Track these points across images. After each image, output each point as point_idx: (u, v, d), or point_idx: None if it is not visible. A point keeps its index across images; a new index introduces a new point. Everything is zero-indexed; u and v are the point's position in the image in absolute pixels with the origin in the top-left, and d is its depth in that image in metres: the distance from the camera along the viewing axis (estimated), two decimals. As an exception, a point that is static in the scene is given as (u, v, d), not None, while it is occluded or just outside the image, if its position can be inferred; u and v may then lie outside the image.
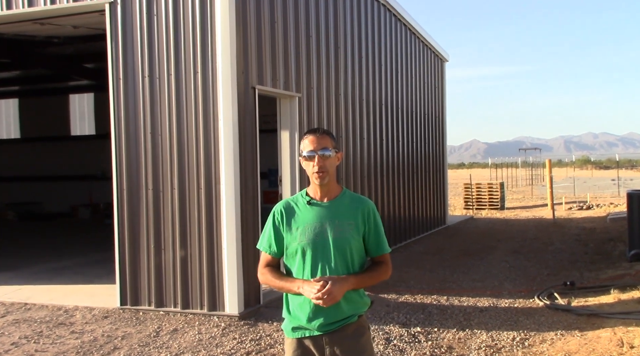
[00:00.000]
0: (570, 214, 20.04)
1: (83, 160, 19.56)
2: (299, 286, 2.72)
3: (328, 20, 9.47)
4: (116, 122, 7.31)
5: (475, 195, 23.19)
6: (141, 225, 7.22)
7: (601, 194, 28.77)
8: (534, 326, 6.43)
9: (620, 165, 47.13)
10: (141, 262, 7.22)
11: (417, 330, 6.33)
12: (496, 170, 44.67)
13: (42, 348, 5.91)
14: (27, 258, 11.22)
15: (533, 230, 15.73)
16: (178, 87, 7.04)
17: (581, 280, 8.72)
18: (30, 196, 20.34)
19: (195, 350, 5.74)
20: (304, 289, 2.69)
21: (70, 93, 20.62)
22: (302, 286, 2.71)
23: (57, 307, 7.46)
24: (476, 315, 6.96)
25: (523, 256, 11.23)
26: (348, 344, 2.78)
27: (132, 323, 6.70)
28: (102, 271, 9.37)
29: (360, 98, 10.76)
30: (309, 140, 2.81)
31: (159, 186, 7.15)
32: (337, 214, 2.81)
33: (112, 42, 7.29)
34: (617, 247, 11.54)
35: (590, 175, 54.45)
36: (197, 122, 6.95)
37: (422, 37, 14.73)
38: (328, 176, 2.80)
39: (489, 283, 8.82)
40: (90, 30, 9.31)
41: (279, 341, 5.90)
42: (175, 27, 7.04)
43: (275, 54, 7.75)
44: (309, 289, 2.66)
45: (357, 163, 10.45)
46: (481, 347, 5.75)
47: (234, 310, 6.79)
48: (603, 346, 5.55)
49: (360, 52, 10.80)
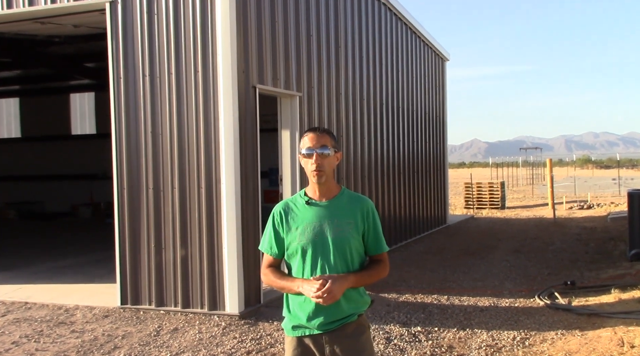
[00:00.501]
0: (571, 213, 20.04)
1: (84, 159, 19.57)
2: (299, 286, 2.72)
3: (328, 20, 9.46)
4: (117, 121, 7.31)
5: (476, 194, 23.19)
6: (142, 224, 7.22)
7: (602, 193, 28.75)
8: (534, 325, 6.42)
9: (621, 165, 47.14)
10: (142, 261, 7.22)
11: (417, 329, 6.33)
12: (497, 169, 44.68)
13: (42, 347, 5.91)
14: (27, 257, 11.23)
15: (534, 229, 15.72)
16: (179, 86, 7.04)
17: (582, 279, 8.71)
18: (31, 195, 20.35)
19: (195, 349, 5.74)
20: (303, 288, 2.70)
21: (71, 93, 20.64)
22: (301, 285, 2.71)
23: (57, 306, 7.46)
24: (477, 314, 6.95)
25: (524, 255, 11.23)
26: (348, 343, 2.78)
27: (133, 323, 6.70)
28: (103, 270, 9.38)
29: (361, 97, 10.76)
30: (308, 137, 2.81)
31: (159, 185, 7.15)
32: (336, 213, 2.81)
33: (113, 41, 7.29)
34: (618, 247, 11.53)
35: (591, 174, 54.44)
36: (198, 121, 6.95)
37: (423, 36, 14.72)
38: (325, 175, 2.80)
39: (489, 282, 8.82)
40: (90, 30, 9.31)
41: (280, 341, 5.90)
42: (176, 26, 7.04)
43: (276, 53, 7.75)
44: (308, 288, 2.67)
45: (357, 163, 10.45)
46: (482, 347, 5.75)
47: (234, 309, 6.79)
48: (603, 345, 5.54)
49: (361, 52, 10.80)
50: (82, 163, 19.58)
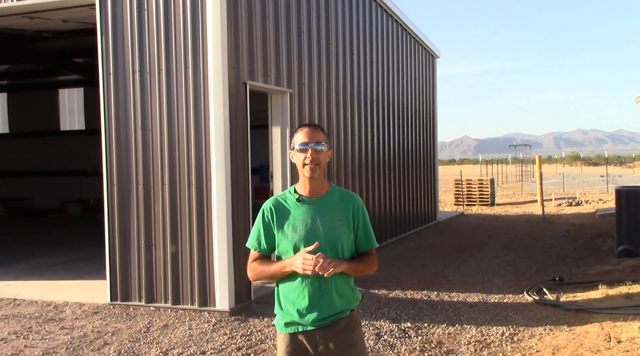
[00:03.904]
0: (560, 210, 20.17)
1: (73, 155, 19.46)
2: (290, 264, 2.72)
3: (319, 16, 9.46)
4: (106, 117, 7.27)
5: (466, 191, 23.29)
6: (132, 220, 7.19)
7: (590, 190, 28.96)
8: (523, 321, 6.48)
9: (609, 162, 47.47)
10: (131, 258, 7.20)
11: (407, 325, 6.36)
12: (487, 166, 44.86)
13: (31, 344, 5.89)
14: (16, 254, 11.16)
15: (523, 225, 15.82)
16: (169, 82, 7.01)
17: (570, 275, 8.79)
18: (20, 192, 20.20)
19: (186, 346, 5.74)
20: (294, 264, 2.68)
21: (59, 88, 20.50)
22: (291, 262, 2.71)
23: (46, 303, 7.43)
24: (466, 310, 7.00)
25: (513, 252, 11.30)
26: (341, 338, 2.80)
27: (123, 319, 6.68)
28: (93, 267, 9.34)
29: (352, 94, 10.77)
30: (303, 132, 2.82)
31: (149, 181, 7.13)
32: (328, 210, 2.82)
33: (102, 36, 7.25)
34: (606, 243, 11.64)
35: (580, 171, 54.79)
36: (188, 118, 6.93)
37: (413, 33, 14.74)
38: (319, 170, 2.81)
39: (479, 278, 8.87)
40: (80, 25, 9.24)
41: (270, 337, 5.92)
42: (166, 21, 7.01)
43: (267, 49, 7.74)
44: (299, 261, 2.65)
45: (348, 159, 10.46)
46: (471, 342, 5.79)
47: (224, 305, 6.79)
48: (591, 341, 5.60)
49: (352, 48, 10.81)
50: (72, 159, 19.46)
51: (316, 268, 2.61)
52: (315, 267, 2.61)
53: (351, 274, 2.84)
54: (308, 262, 2.63)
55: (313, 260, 2.62)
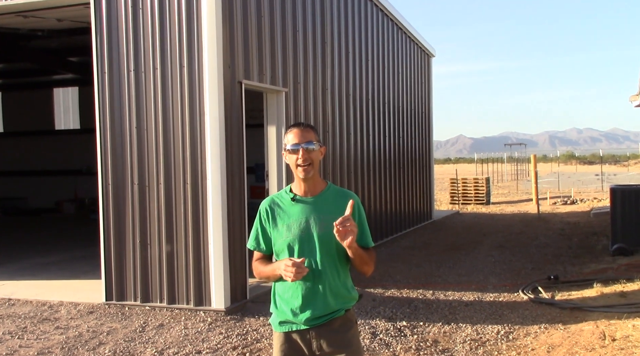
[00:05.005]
0: (555, 209, 20.23)
1: (68, 154, 19.38)
2: (278, 268, 2.72)
3: (315, 15, 9.45)
4: (101, 117, 7.25)
5: (461, 190, 23.32)
6: (127, 220, 7.18)
7: (585, 189, 29.05)
8: (518, 319, 6.49)
9: (604, 161, 47.63)
10: (127, 257, 7.18)
11: (403, 324, 6.37)
12: (482, 165, 44.92)
13: (26, 344, 5.87)
14: (11, 253, 11.12)
15: (518, 224, 15.86)
16: (164, 82, 6.99)
17: (565, 274, 8.81)
18: (15, 191, 20.11)
19: (181, 345, 5.73)
20: (280, 269, 2.68)
21: (54, 87, 20.39)
22: (279, 265, 2.71)
23: (41, 303, 7.40)
24: (461, 309, 7.01)
25: (508, 250, 11.33)
26: (334, 338, 2.79)
27: (118, 319, 6.67)
28: (88, 266, 9.32)
29: (347, 93, 10.77)
30: (293, 133, 2.81)
31: (144, 181, 7.11)
32: (322, 209, 2.81)
33: (97, 35, 7.22)
34: (601, 241, 11.68)
35: (575, 170, 54.94)
36: (183, 117, 6.92)
37: (409, 32, 14.75)
38: (313, 170, 2.80)
39: (474, 277, 8.89)
40: (74, 24, 9.21)
41: (266, 336, 5.91)
42: (161, 20, 6.99)
43: (262, 48, 7.73)
44: (283, 267, 2.65)
45: (343, 159, 10.46)
46: (466, 341, 5.80)
47: (220, 305, 6.78)
48: (586, 339, 5.62)
49: (347, 47, 10.81)
50: (66, 158, 19.38)
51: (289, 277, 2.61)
52: (295, 274, 2.61)
53: (357, 257, 2.72)
54: (289, 269, 2.62)
55: (293, 268, 2.61)
